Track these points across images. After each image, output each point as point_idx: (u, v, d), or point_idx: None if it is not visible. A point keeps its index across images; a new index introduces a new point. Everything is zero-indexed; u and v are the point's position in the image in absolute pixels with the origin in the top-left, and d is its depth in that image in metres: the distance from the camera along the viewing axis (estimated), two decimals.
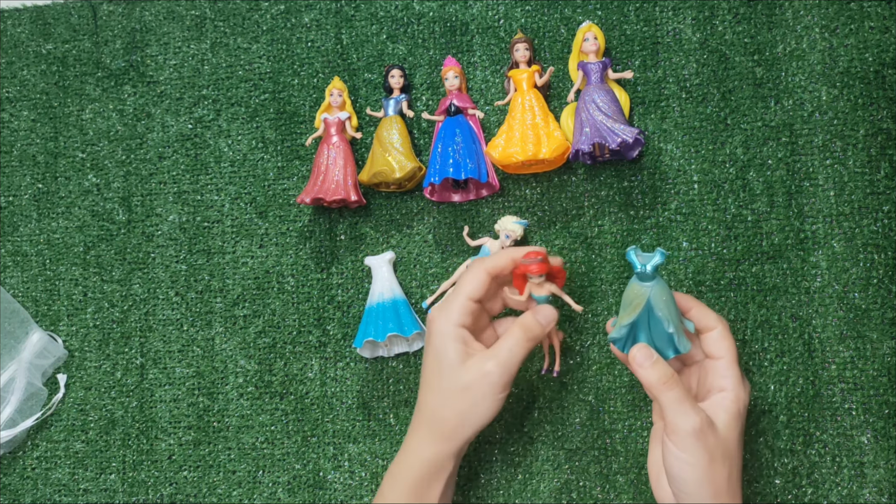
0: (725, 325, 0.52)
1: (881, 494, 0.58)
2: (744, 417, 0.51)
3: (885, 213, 0.60)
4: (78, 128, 0.74)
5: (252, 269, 0.69)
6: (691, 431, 0.48)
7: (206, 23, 0.73)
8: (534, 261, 0.52)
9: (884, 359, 0.59)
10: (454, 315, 0.53)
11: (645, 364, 0.50)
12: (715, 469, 0.48)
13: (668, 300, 0.51)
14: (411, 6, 0.69)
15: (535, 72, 0.63)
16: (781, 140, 0.62)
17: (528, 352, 0.53)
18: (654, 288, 0.50)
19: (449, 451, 0.54)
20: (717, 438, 0.49)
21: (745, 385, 0.52)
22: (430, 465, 0.54)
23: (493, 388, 0.52)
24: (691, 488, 0.48)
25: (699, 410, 0.49)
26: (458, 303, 0.54)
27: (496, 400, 0.53)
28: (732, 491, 0.49)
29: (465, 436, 0.54)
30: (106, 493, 0.68)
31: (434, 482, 0.54)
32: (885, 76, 0.61)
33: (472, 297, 0.54)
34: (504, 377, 0.52)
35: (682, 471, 0.48)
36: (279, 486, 0.66)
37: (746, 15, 0.64)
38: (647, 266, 0.50)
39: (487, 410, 0.53)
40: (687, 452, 0.48)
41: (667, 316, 0.50)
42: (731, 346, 0.52)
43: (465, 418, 0.53)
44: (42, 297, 0.72)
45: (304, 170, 0.69)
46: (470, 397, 0.52)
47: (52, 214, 0.73)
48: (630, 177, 0.64)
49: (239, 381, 0.68)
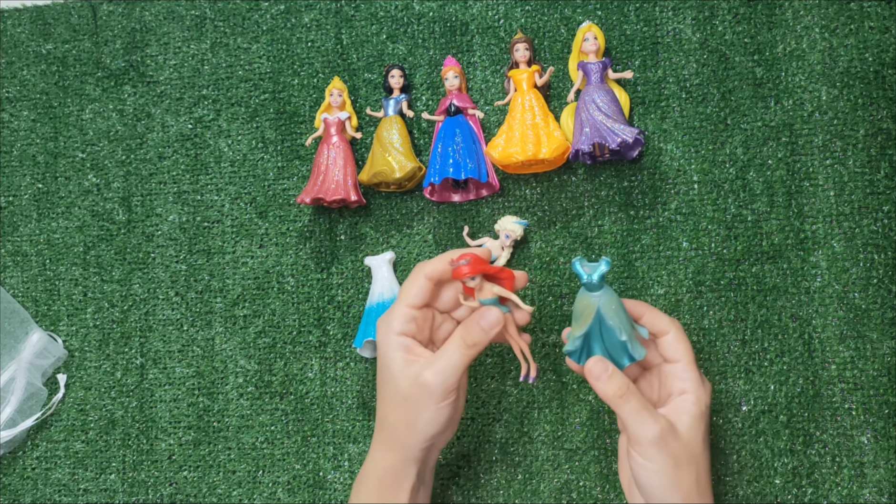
0: (679, 327, 0.52)
1: (881, 494, 0.58)
2: (706, 417, 0.51)
3: (885, 213, 0.60)
4: (78, 128, 0.74)
5: (252, 269, 0.69)
6: (653, 440, 0.47)
7: (206, 23, 0.73)
8: (463, 263, 0.50)
9: (884, 359, 0.59)
10: (394, 323, 0.52)
11: (602, 377, 0.49)
12: (681, 474, 0.48)
13: (618, 308, 0.50)
14: (411, 6, 0.69)
15: (535, 72, 0.63)
16: (781, 140, 0.62)
17: (471, 358, 0.51)
18: (602, 297, 0.50)
19: (404, 459, 0.52)
20: (680, 442, 0.48)
21: (706, 385, 0.51)
22: (388, 473, 0.53)
23: (432, 397, 0.50)
24: (660, 494, 0.48)
25: (658, 418, 0.48)
26: (398, 311, 0.52)
27: (439, 409, 0.50)
28: (702, 492, 0.49)
29: (418, 445, 0.52)
30: (106, 493, 0.68)
31: (396, 490, 0.53)
32: (885, 76, 0.61)
33: (412, 304, 0.52)
34: (442, 386, 0.50)
35: (649, 479, 0.48)
36: (279, 486, 0.66)
37: (746, 15, 0.64)
38: (594, 276, 0.49)
39: (433, 420, 0.51)
40: (651, 461, 0.48)
41: (618, 325, 0.50)
42: (687, 348, 0.51)
43: (411, 427, 0.51)
44: (42, 297, 0.72)
45: (304, 170, 0.69)
46: (412, 407, 0.51)
47: (52, 214, 0.73)
48: (630, 177, 0.64)
49: (239, 381, 0.68)
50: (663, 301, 0.62)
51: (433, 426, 0.51)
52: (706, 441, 0.50)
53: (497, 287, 0.52)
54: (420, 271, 0.52)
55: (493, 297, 0.52)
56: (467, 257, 0.51)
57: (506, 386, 0.64)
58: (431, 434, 0.52)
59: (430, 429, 0.51)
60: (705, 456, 0.50)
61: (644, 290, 0.62)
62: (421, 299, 0.52)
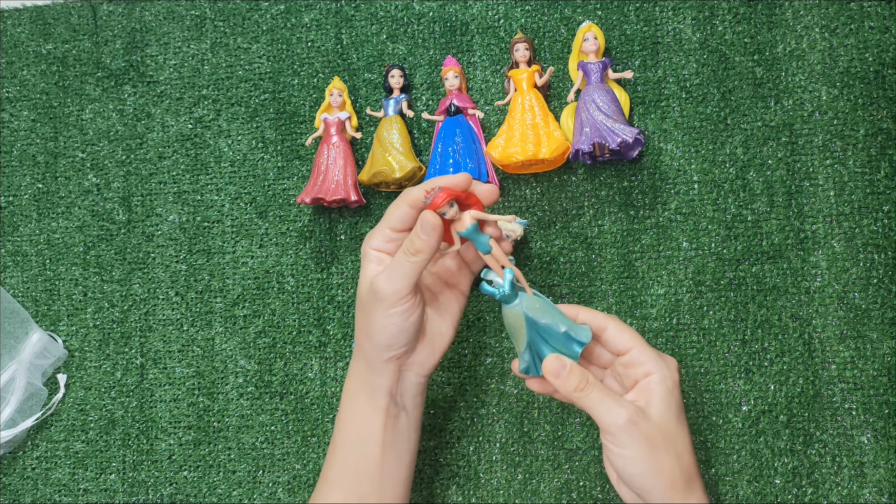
0: (616, 319, 0.52)
1: (881, 494, 0.58)
2: (676, 394, 0.50)
3: (885, 213, 0.60)
4: (78, 128, 0.74)
5: (252, 269, 0.69)
6: (623, 425, 0.47)
7: (206, 23, 0.73)
8: (434, 193, 0.50)
9: (884, 359, 0.59)
10: (373, 240, 0.54)
11: (560, 373, 0.50)
12: (660, 456, 0.47)
13: (544, 306, 0.51)
14: (411, 6, 0.69)
15: (535, 72, 0.63)
16: (781, 140, 0.62)
17: (419, 266, 0.51)
18: (523, 303, 0.51)
19: (370, 371, 0.53)
20: (652, 424, 0.48)
21: (668, 362, 0.51)
22: (359, 388, 0.54)
23: (381, 302, 0.51)
24: (641, 481, 0.47)
25: (624, 402, 0.48)
26: (378, 230, 0.54)
27: (388, 315, 0.51)
28: (686, 473, 0.48)
29: (377, 355, 0.53)
30: (106, 493, 0.68)
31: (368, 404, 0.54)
32: (885, 76, 0.61)
33: (392, 227, 0.53)
34: (390, 290, 0.51)
35: (627, 467, 0.47)
36: (279, 486, 0.66)
37: (746, 15, 0.64)
38: (505, 287, 0.50)
39: (385, 327, 0.51)
40: (626, 447, 0.47)
41: (552, 321, 0.50)
42: (633, 334, 0.51)
43: (367, 334, 0.53)
44: (42, 297, 0.72)
45: (304, 170, 0.69)
46: (366, 312, 0.52)
47: (52, 214, 0.73)
48: (630, 177, 0.64)
49: (239, 381, 0.68)
50: (663, 301, 0.62)
51: (385, 333, 0.52)
52: (681, 418, 0.49)
53: (473, 211, 0.52)
54: (404, 199, 0.53)
55: (472, 223, 0.52)
56: (438, 187, 0.51)
57: (506, 386, 0.64)
58: (385, 342, 0.52)
59: (382, 336, 0.52)
60: (682, 433, 0.49)
61: (644, 290, 0.62)
62: (401, 224, 0.53)
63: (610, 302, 0.63)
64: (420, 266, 0.51)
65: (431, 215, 0.51)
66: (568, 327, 0.50)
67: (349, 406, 0.55)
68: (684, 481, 0.48)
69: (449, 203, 0.51)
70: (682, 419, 0.50)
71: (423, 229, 0.51)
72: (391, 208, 0.54)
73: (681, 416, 0.50)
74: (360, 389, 0.54)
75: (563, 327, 0.50)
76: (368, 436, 0.54)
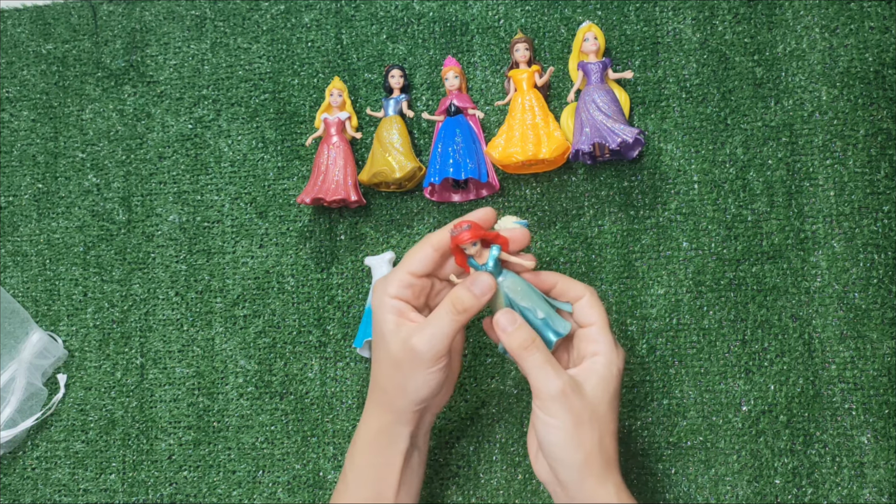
0: (593, 292, 0.52)
1: (881, 494, 0.58)
2: (616, 381, 0.50)
3: (885, 213, 0.60)
4: (78, 128, 0.74)
5: (252, 269, 0.69)
6: (555, 395, 0.47)
7: (206, 23, 0.73)
8: (463, 229, 0.50)
9: (884, 359, 0.59)
10: (391, 287, 0.52)
11: (507, 328, 0.50)
12: (582, 432, 0.47)
13: (525, 289, 0.51)
14: (411, 6, 0.69)
15: (535, 72, 0.63)
16: (781, 140, 0.62)
17: (461, 325, 0.50)
18: (504, 282, 0.51)
19: (396, 421, 0.52)
20: (584, 401, 0.48)
21: (619, 351, 0.51)
22: (381, 436, 0.53)
23: (422, 363, 0.50)
24: (559, 453, 0.48)
25: (562, 373, 0.48)
26: (397, 275, 0.52)
27: (429, 374, 0.50)
28: (605, 456, 0.48)
29: (409, 407, 0.52)
30: (106, 493, 0.68)
31: (388, 452, 0.53)
32: (885, 76, 0.61)
33: (413, 271, 0.52)
34: (431, 352, 0.49)
35: (548, 434, 0.48)
36: (279, 486, 0.66)
37: (746, 15, 0.64)
38: (489, 263, 0.50)
39: (424, 385, 0.51)
40: (552, 416, 0.47)
41: (531, 305, 0.50)
42: (601, 313, 0.51)
43: (402, 390, 0.51)
44: (42, 297, 0.72)
45: (304, 170, 0.69)
46: (402, 371, 0.51)
47: (52, 214, 0.73)
48: (630, 177, 0.64)
49: (239, 381, 0.68)
50: (663, 301, 0.62)
51: (424, 390, 0.51)
52: (614, 405, 0.50)
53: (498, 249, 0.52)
54: (427, 241, 0.52)
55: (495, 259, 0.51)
56: (467, 223, 0.50)
57: (506, 386, 0.64)
58: (422, 398, 0.52)
59: (420, 393, 0.51)
60: (611, 419, 0.49)
61: (644, 290, 0.62)
62: (423, 268, 0.52)
63: (610, 302, 0.63)
64: (463, 324, 0.50)
65: (489, 277, 0.51)
66: (546, 315, 0.51)
67: (366, 453, 0.53)
68: (601, 462, 0.48)
69: (473, 242, 0.50)
70: (614, 406, 0.50)
71: (479, 287, 0.50)
72: (412, 252, 0.52)
73: (614, 402, 0.50)
74: (381, 437, 0.53)
75: (541, 314, 0.51)
76: (386, 480, 0.53)
